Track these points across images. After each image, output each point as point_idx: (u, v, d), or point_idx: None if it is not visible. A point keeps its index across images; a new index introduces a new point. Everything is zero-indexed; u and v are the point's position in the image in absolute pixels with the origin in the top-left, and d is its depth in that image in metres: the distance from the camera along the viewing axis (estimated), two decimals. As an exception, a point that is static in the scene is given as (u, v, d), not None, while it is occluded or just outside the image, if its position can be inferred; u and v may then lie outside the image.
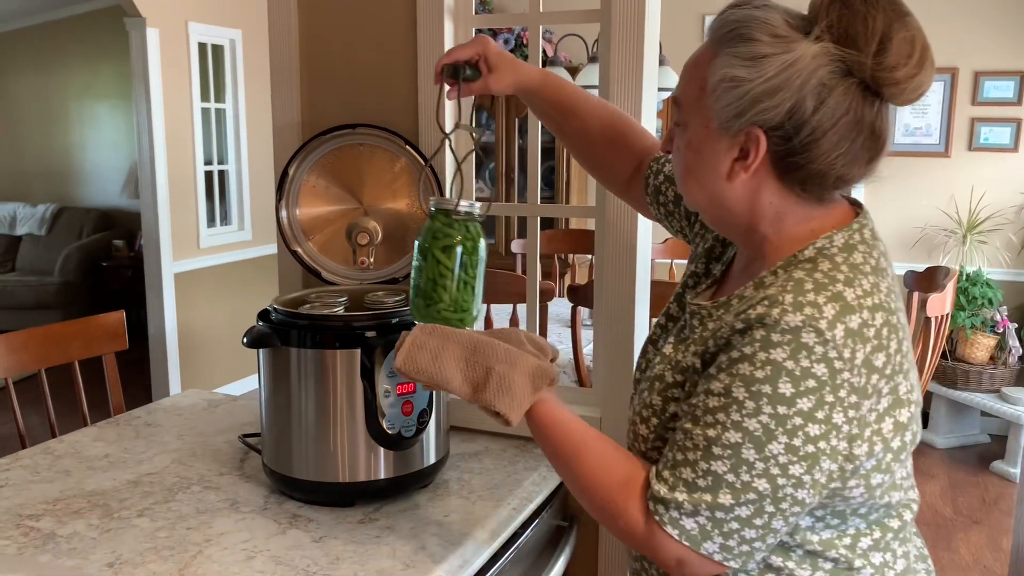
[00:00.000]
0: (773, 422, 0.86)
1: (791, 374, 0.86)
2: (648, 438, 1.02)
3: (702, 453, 0.90)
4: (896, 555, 1.00)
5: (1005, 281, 4.50)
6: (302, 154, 1.64)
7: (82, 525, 1.29)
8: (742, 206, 0.97)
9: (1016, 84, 4.40)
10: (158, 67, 4.50)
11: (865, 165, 0.94)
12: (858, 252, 0.94)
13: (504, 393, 1.05)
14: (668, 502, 0.91)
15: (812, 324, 0.86)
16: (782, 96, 0.89)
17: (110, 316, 2.05)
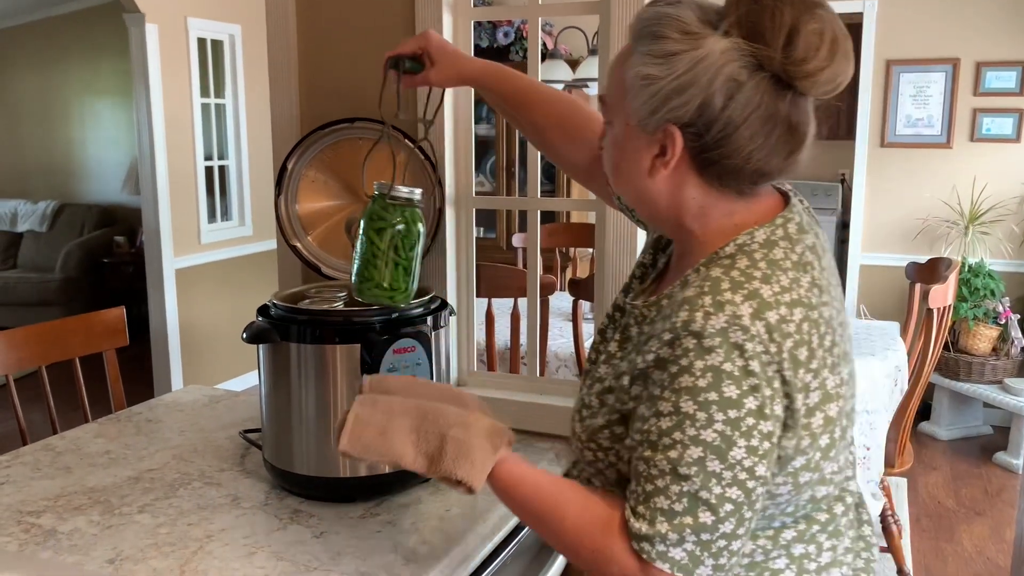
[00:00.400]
0: (728, 428, 0.86)
1: (731, 375, 0.86)
2: (581, 437, 1.02)
3: (670, 477, 0.88)
4: (822, 548, 0.99)
5: (1007, 272, 4.49)
6: (301, 148, 1.63)
7: (83, 521, 1.29)
8: (667, 201, 0.97)
9: (1018, 74, 4.38)
10: (157, 63, 4.49)
11: (784, 159, 0.94)
12: (779, 248, 0.94)
13: (463, 459, 1.00)
14: (651, 537, 0.89)
15: (736, 322, 0.86)
16: (691, 93, 0.89)
17: (110, 312, 2.05)
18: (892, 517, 2.90)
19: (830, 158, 6.13)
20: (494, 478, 1.02)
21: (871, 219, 4.76)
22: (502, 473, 1.01)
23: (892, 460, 2.85)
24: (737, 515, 0.88)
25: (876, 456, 2.65)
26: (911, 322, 3.16)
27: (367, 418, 1.04)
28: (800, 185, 6.02)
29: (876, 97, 4.65)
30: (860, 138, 4.71)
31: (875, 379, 2.65)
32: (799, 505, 0.96)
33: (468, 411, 1.07)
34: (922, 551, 3.29)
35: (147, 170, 4.58)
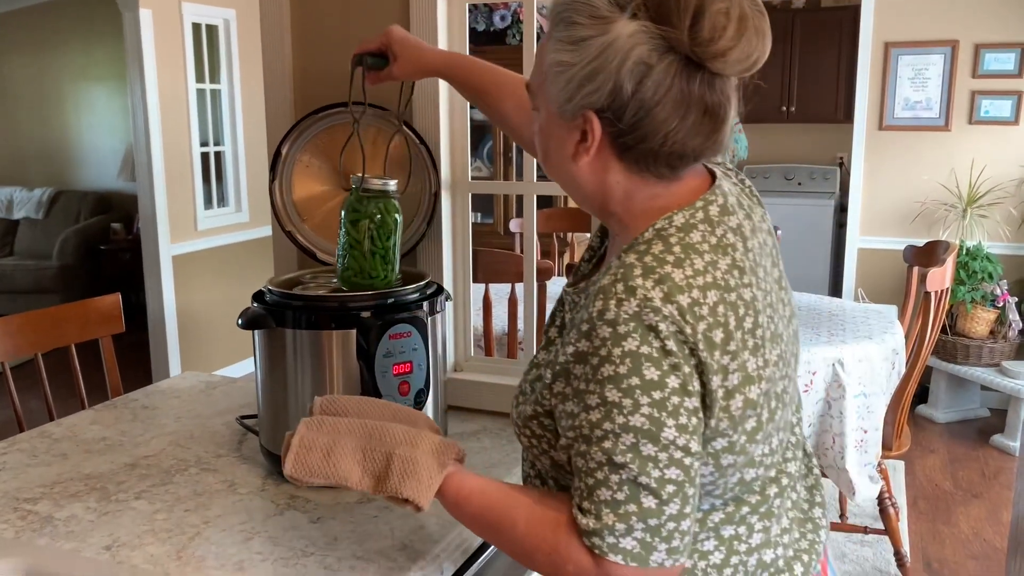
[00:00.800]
0: (655, 410, 0.86)
1: (650, 357, 0.86)
2: (517, 423, 1.02)
3: (608, 468, 0.88)
4: (753, 529, 0.99)
5: (1005, 255, 4.49)
6: (295, 133, 1.62)
7: (80, 508, 1.29)
8: (593, 187, 0.97)
9: (1017, 56, 4.36)
10: (152, 48, 4.47)
11: (706, 139, 0.92)
12: (696, 231, 0.93)
13: (409, 477, 1.00)
14: (600, 531, 0.88)
15: (647, 305, 0.86)
16: (602, 78, 0.89)
17: (106, 299, 2.05)
18: (889, 500, 2.91)
19: (828, 141, 6.11)
20: (443, 495, 1.02)
21: (869, 202, 4.76)
22: (450, 489, 1.01)
23: (889, 443, 2.85)
24: (680, 495, 0.88)
25: (873, 439, 2.65)
26: (909, 305, 3.16)
27: (311, 441, 1.04)
28: (798, 168, 6.03)
29: (874, 80, 4.63)
30: (858, 121, 4.70)
31: (873, 362, 2.65)
32: (727, 487, 0.96)
33: (416, 430, 1.07)
34: (919, 533, 3.31)
35: (143, 156, 4.56)
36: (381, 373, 1.31)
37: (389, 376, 1.32)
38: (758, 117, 5.79)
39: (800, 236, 5.59)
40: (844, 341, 2.68)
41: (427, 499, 1.00)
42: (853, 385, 2.58)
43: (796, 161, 6.17)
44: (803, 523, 1.06)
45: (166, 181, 4.63)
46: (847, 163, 5.35)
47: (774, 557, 1.00)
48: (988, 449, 4.14)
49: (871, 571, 3.02)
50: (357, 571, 1.11)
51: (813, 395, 2.59)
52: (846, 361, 2.59)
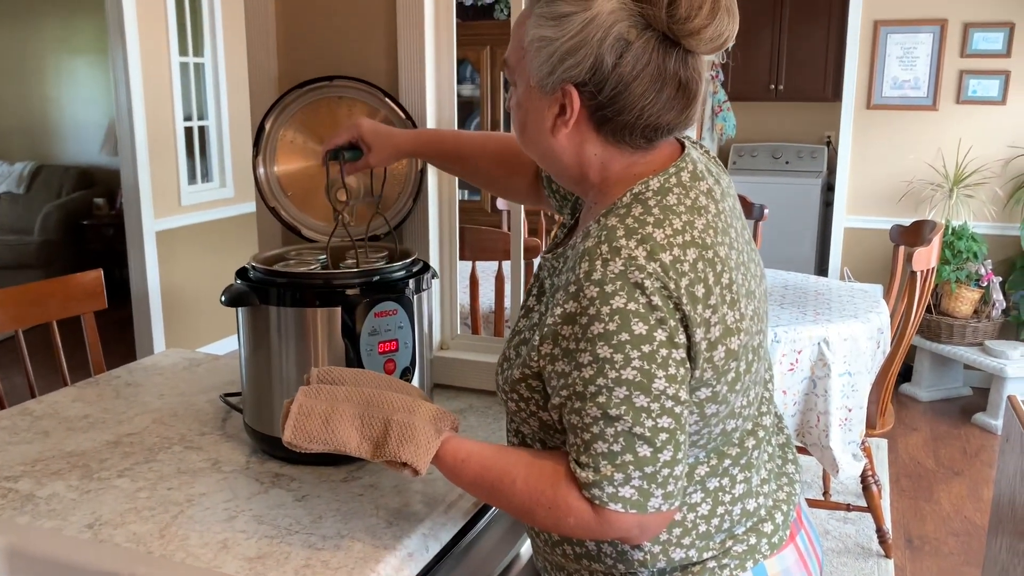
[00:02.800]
0: (645, 362, 0.90)
1: (637, 313, 0.90)
2: (504, 388, 1.05)
3: (603, 422, 0.92)
4: (735, 480, 1.05)
5: (990, 235, 4.51)
6: (278, 108, 1.60)
7: (61, 486, 1.27)
8: (570, 159, 1.02)
9: (1005, 36, 4.36)
10: (134, 20, 4.39)
11: (680, 113, 0.97)
12: (672, 195, 0.98)
13: (407, 442, 1.02)
14: (599, 482, 0.92)
15: (633, 264, 0.91)
16: (584, 53, 0.93)
17: (88, 275, 2.02)
18: (872, 477, 2.93)
19: (816, 120, 6.10)
20: (440, 459, 1.04)
21: (856, 182, 4.76)
22: (447, 453, 1.03)
23: (873, 421, 2.87)
24: (673, 442, 0.92)
25: (858, 417, 2.67)
26: (894, 284, 3.17)
27: (310, 408, 1.05)
28: (785, 147, 6.03)
29: (863, 58, 4.62)
30: (846, 100, 4.69)
31: (858, 341, 2.66)
32: (711, 437, 1.01)
33: (412, 398, 1.08)
34: (901, 510, 3.34)
35: (125, 131, 4.50)
36: (367, 351, 1.30)
37: (375, 354, 1.31)
38: (746, 95, 5.77)
39: (787, 215, 5.60)
40: (829, 320, 2.69)
41: (425, 463, 1.02)
42: (838, 364, 2.59)
43: (784, 140, 6.16)
44: (779, 476, 1.12)
45: (149, 156, 4.57)
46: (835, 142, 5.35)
47: (756, 506, 1.06)
48: (970, 427, 4.17)
49: (853, 547, 3.05)
50: (342, 549, 1.10)
51: (798, 373, 2.60)
52: (831, 340, 2.60)
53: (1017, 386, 4.07)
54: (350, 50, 1.66)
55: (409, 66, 1.61)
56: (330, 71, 1.63)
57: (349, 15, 1.65)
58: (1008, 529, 1.87)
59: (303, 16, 1.69)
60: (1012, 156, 4.44)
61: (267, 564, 1.07)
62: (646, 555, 1.02)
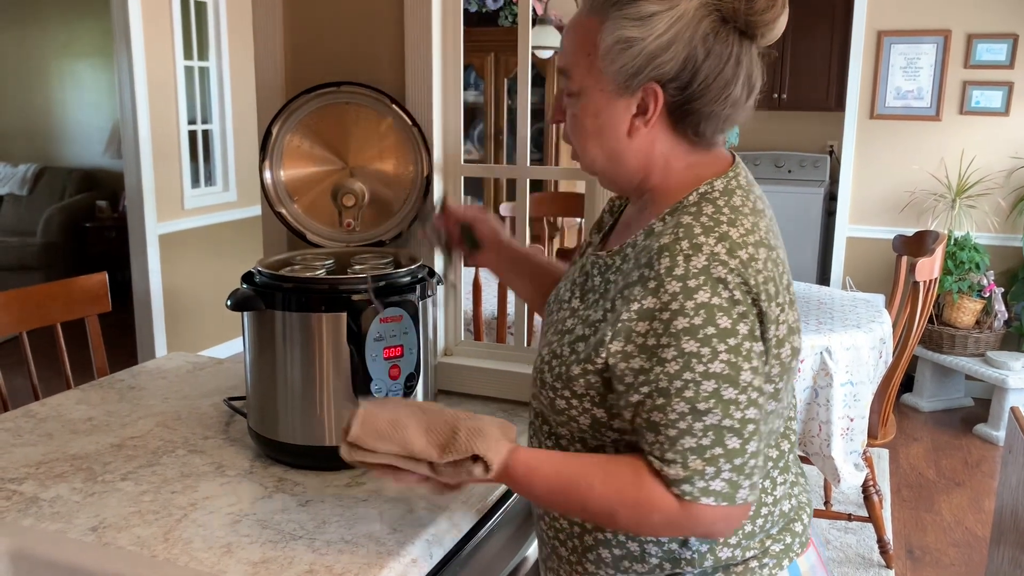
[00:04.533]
0: (732, 355, 0.92)
1: (721, 307, 0.92)
2: (554, 386, 1.05)
3: (691, 417, 0.92)
4: (776, 482, 1.07)
5: (992, 246, 4.51)
6: (285, 113, 1.60)
7: (65, 489, 1.27)
8: (639, 160, 1.04)
9: (1009, 47, 4.37)
10: (139, 24, 4.41)
11: (743, 105, 1.02)
12: (736, 196, 1.01)
13: (478, 437, 1.00)
14: (690, 478, 0.93)
15: (715, 259, 0.93)
16: (675, 49, 0.96)
17: (92, 278, 2.02)
18: (874, 487, 2.93)
19: (818, 130, 6.11)
20: (511, 471, 1.01)
21: (859, 191, 4.76)
22: (518, 463, 1.01)
23: (875, 431, 2.87)
24: (757, 433, 0.95)
25: (859, 427, 2.67)
26: (897, 295, 3.17)
27: (375, 412, 1.04)
28: (788, 156, 6.03)
29: (866, 68, 4.62)
30: (849, 110, 4.70)
31: (860, 351, 2.66)
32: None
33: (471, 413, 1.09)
34: (902, 521, 3.33)
35: (129, 134, 4.51)
36: (371, 357, 1.30)
37: (379, 360, 1.31)
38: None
39: (789, 224, 5.60)
40: (832, 329, 2.69)
41: (498, 457, 1.00)
42: (840, 373, 2.59)
43: (786, 148, 6.17)
44: (799, 476, 1.14)
45: (153, 159, 4.58)
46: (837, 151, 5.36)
47: (789, 507, 1.09)
48: (971, 438, 4.17)
49: (854, 557, 3.05)
50: (345, 554, 1.10)
51: (800, 383, 2.60)
52: (834, 349, 2.59)
53: (1019, 397, 4.06)
54: (357, 56, 1.67)
55: (416, 73, 1.61)
56: (337, 77, 1.64)
57: (357, 21, 1.66)
58: (1010, 540, 1.87)
59: (310, 22, 1.69)
60: (1015, 167, 4.45)
61: (271, 569, 1.07)
62: (694, 554, 1.03)
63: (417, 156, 1.59)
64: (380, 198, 1.62)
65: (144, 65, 4.46)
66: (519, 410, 1.59)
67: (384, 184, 1.62)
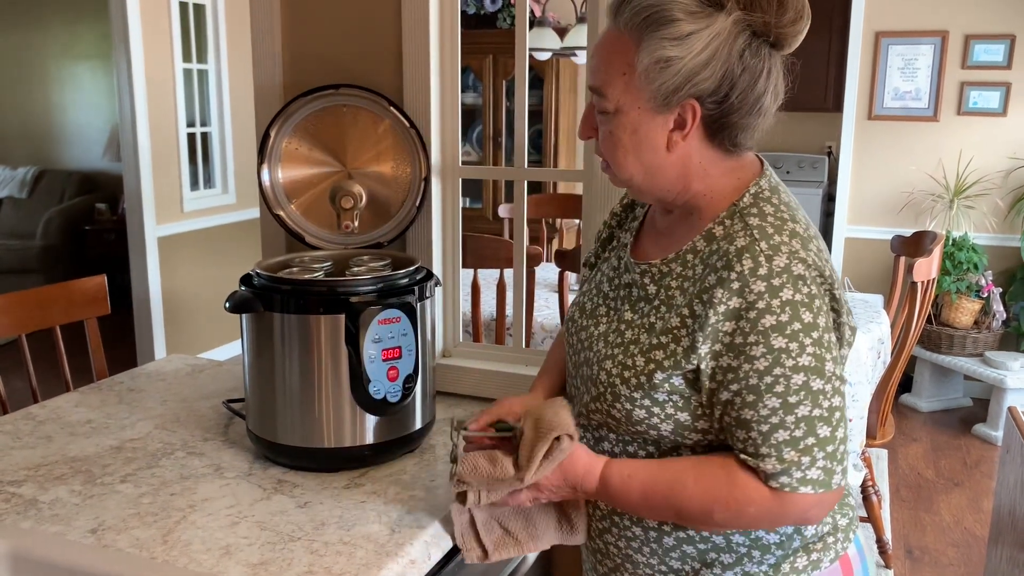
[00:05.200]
0: (817, 348, 0.96)
1: (803, 303, 0.96)
2: (633, 397, 1.05)
3: (782, 411, 0.97)
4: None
5: (991, 246, 4.51)
6: (283, 116, 1.60)
7: (64, 491, 1.28)
8: (676, 171, 1.06)
9: (1006, 47, 4.37)
10: (138, 27, 4.41)
11: (772, 114, 1.05)
12: (781, 192, 1.07)
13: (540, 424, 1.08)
14: (788, 470, 0.97)
15: (795, 257, 0.98)
16: (714, 66, 0.99)
17: (91, 280, 2.03)
18: (872, 488, 2.93)
19: (817, 130, 6.11)
20: (607, 482, 1.06)
21: (857, 192, 4.77)
22: (612, 475, 1.06)
23: (874, 432, 2.88)
24: (843, 419, 0.99)
25: (858, 427, 2.67)
26: (895, 295, 3.18)
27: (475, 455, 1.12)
28: (786, 157, 6.03)
29: (864, 69, 4.63)
30: (847, 110, 4.70)
31: (858, 351, 2.66)
32: None
33: None
34: (901, 521, 3.34)
35: (128, 136, 4.51)
36: (370, 358, 1.30)
37: (378, 361, 1.31)
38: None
39: (788, 225, 5.59)
40: (831, 330, 2.69)
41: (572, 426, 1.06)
42: (839, 374, 2.59)
43: (785, 149, 6.17)
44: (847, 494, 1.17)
45: (152, 161, 4.58)
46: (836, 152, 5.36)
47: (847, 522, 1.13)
48: (970, 438, 4.17)
49: (853, 558, 3.05)
50: (344, 556, 1.11)
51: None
52: (832, 350, 2.59)
53: (1017, 397, 4.07)
54: (355, 58, 1.67)
55: (414, 75, 1.62)
56: (335, 79, 1.64)
57: (354, 24, 1.67)
58: (1008, 540, 1.87)
59: (308, 25, 1.70)
60: (1013, 167, 4.45)
61: (270, 570, 1.07)
62: (781, 537, 1.07)
63: (415, 158, 1.60)
64: (378, 200, 1.63)
65: (143, 68, 4.46)
66: (517, 411, 1.59)
67: (382, 186, 1.62)
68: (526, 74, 1.65)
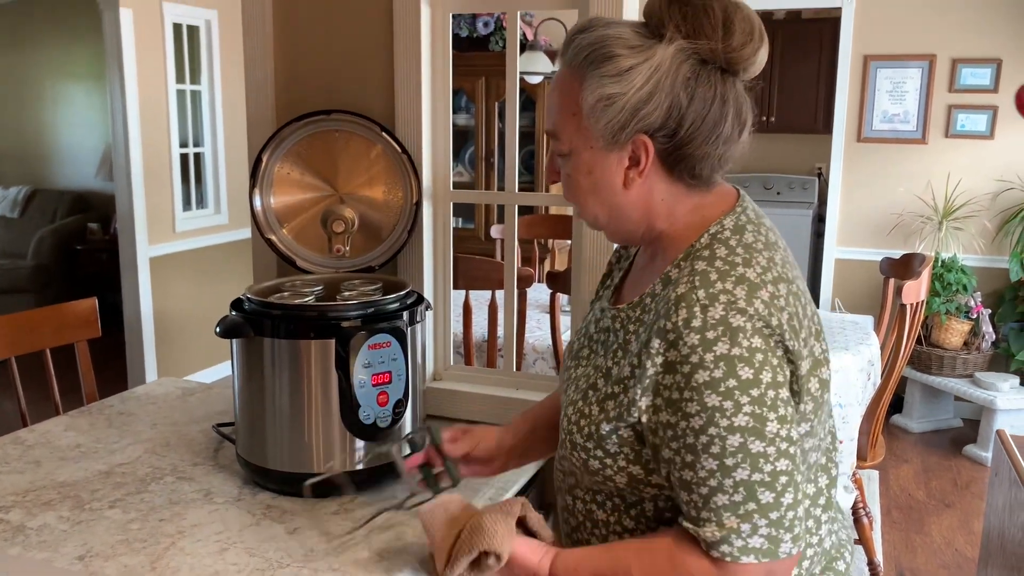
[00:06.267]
0: (756, 407, 0.90)
1: (741, 358, 0.90)
2: (586, 446, 1.03)
3: (720, 473, 0.90)
4: (820, 521, 1.05)
5: (979, 267, 4.54)
6: (276, 140, 1.61)
7: (52, 517, 1.27)
8: (639, 210, 1.03)
9: (993, 71, 4.42)
10: (132, 48, 4.43)
11: (736, 142, 1.01)
12: (748, 232, 1.00)
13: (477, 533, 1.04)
14: (727, 538, 0.91)
15: (733, 307, 0.91)
16: (658, 99, 0.96)
17: (82, 303, 2.03)
18: (864, 510, 2.93)
19: (807, 152, 6.16)
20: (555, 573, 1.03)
21: (847, 213, 4.80)
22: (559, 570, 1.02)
23: (864, 453, 2.88)
24: (792, 483, 0.92)
25: (848, 449, 2.67)
26: (884, 317, 3.19)
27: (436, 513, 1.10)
28: (777, 178, 6.07)
29: (853, 92, 4.67)
30: (837, 133, 4.74)
31: (848, 373, 2.67)
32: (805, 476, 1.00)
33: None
34: (892, 542, 3.33)
35: (121, 156, 4.52)
36: (359, 383, 1.31)
37: (368, 386, 1.31)
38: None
39: (778, 245, 5.63)
40: (821, 352, 2.70)
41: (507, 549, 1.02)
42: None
43: (775, 171, 6.22)
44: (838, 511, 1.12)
45: (144, 181, 4.59)
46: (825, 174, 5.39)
47: (831, 545, 1.07)
48: (961, 459, 4.18)
49: (845, 580, 3.04)
50: (333, 583, 1.10)
51: (790, 405, 2.60)
52: (822, 372, 2.60)
53: (1007, 418, 4.08)
54: (347, 83, 1.68)
55: (406, 100, 1.63)
56: (327, 104, 1.66)
57: (346, 49, 1.68)
58: (997, 562, 1.88)
59: (300, 50, 1.71)
60: (1000, 190, 4.49)
61: (258, 597, 1.07)
62: None
63: (406, 183, 1.61)
64: (370, 224, 1.64)
65: (136, 88, 4.48)
66: (508, 435, 1.59)
67: (374, 210, 1.63)
68: (516, 98, 1.67)
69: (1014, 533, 1.72)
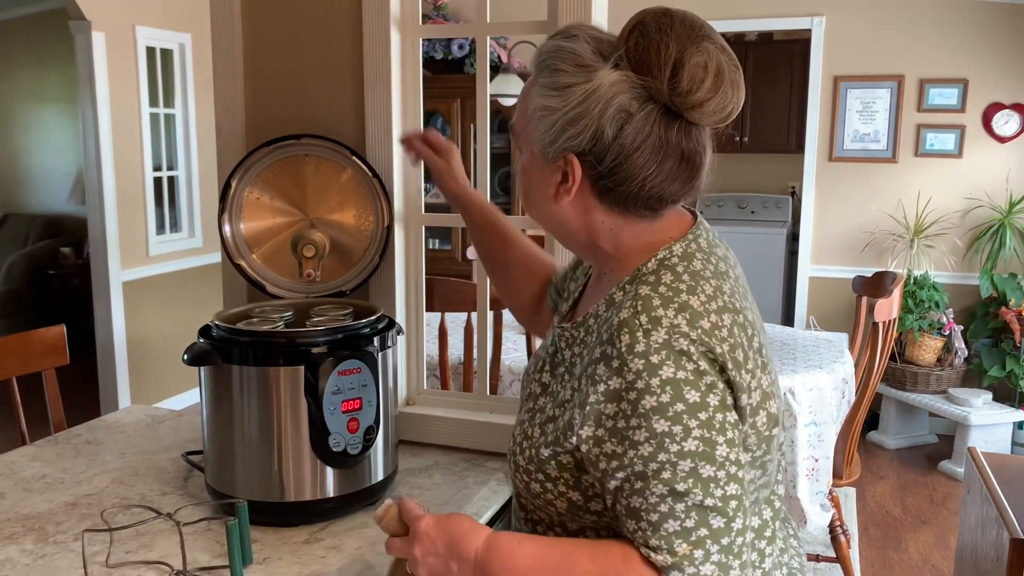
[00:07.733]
0: (705, 430, 0.88)
1: (687, 381, 0.89)
2: (527, 469, 1.02)
3: (671, 499, 0.88)
4: (764, 554, 1.03)
5: (950, 284, 4.60)
6: (245, 166, 1.60)
7: (15, 551, 1.25)
8: (577, 225, 1.01)
9: (960, 91, 4.50)
10: (104, 71, 4.41)
11: (684, 184, 0.97)
12: (697, 260, 0.98)
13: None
14: (679, 564, 0.88)
15: (676, 331, 0.90)
16: (584, 123, 0.93)
17: (50, 330, 2.00)
18: (841, 528, 2.94)
19: (780, 171, 6.23)
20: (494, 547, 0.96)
21: (820, 232, 4.85)
22: (501, 540, 0.96)
23: (840, 471, 2.89)
24: (741, 508, 0.90)
25: (824, 467, 2.68)
26: (858, 335, 3.22)
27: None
28: (751, 197, 6.13)
29: (824, 112, 4.74)
30: (809, 152, 4.80)
31: (823, 391, 2.68)
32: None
33: None
34: (870, 560, 3.34)
35: (93, 180, 4.48)
36: (329, 410, 1.29)
37: (338, 413, 1.30)
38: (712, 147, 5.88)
39: (753, 264, 5.67)
40: (795, 370, 2.72)
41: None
42: (804, 414, 2.61)
43: (749, 190, 6.27)
44: (789, 539, 1.10)
45: (117, 205, 4.55)
46: (799, 193, 5.45)
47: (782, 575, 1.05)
48: (936, 475, 4.21)
49: (823, 599, 3.05)
50: (302, 614, 1.09)
51: (765, 424, 2.61)
52: (797, 390, 2.62)
53: (981, 433, 4.12)
54: (317, 108, 1.68)
55: (376, 124, 1.63)
56: (297, 129, 1.65)
57: (316, 74, 1.68)
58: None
59: (270, 74, 1.71)
60: (970, 207, 4.55)
61: (225, 631, 1.05)
62: None
63: (377, 207, 1.60)
64: (341, 248, 1.63)
65: (109, 112, 4.45)
66: (484, 460, 1.59)
67: (345, 234, 1.63)
68: (487, 120, 1.67)
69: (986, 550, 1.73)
